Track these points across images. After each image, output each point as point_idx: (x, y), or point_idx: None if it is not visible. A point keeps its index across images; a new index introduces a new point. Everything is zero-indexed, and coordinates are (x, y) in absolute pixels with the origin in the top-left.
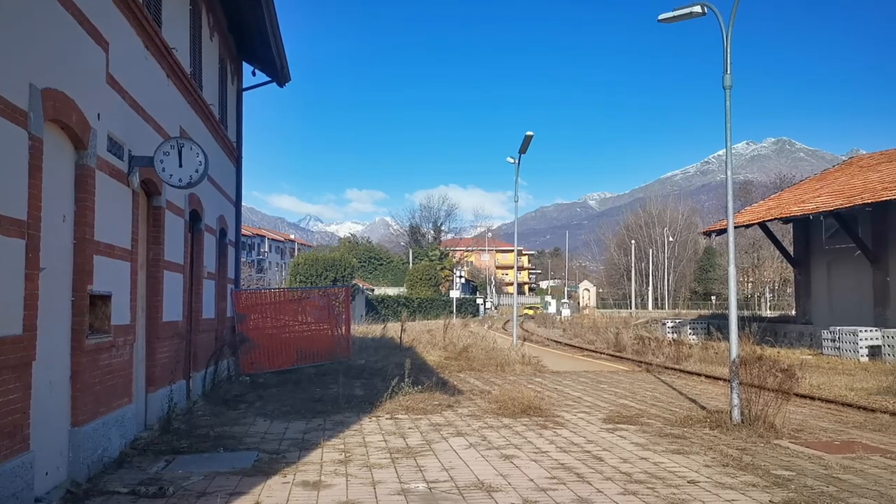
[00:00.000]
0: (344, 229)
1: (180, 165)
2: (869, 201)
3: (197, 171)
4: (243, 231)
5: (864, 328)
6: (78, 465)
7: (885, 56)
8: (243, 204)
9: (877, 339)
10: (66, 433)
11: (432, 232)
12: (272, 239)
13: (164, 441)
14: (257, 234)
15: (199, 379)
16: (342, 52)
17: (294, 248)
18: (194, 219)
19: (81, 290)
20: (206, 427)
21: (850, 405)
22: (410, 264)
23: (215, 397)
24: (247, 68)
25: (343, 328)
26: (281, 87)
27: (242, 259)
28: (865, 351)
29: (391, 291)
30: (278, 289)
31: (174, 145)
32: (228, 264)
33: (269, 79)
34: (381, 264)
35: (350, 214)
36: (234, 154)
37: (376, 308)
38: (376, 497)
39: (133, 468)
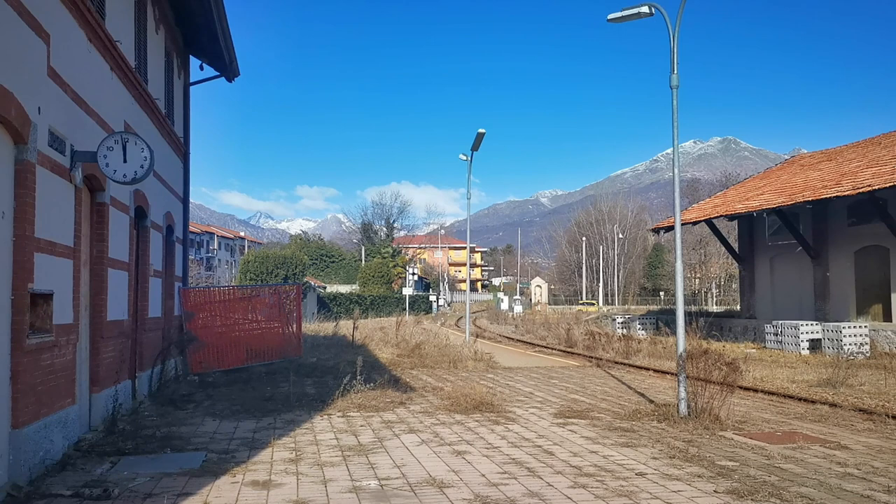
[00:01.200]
0: (295, 226)
1: (125, 161)
2: (810, 199)
3: (142, 166)
4: (191, 228)
5: (804, 322)
6: (19, 467)
7: (826, 59)
8: (191, 201)
9: (817, 332)
10: (6, 435)
11: (385, 229)
12: (221, 236)
13: (109, 442)
14: (206, 231)
15: (146, 379)
16: (295, 48)
17: (244, 246)
18: (140, 215)
19: (21, 288)
20: (152, 428)
21: (791, 397)
22: (363, 261)
23: (162, 397)
24: (194, 63)
25: (294, 326)
26: (230, 81)
27: (191, 257)
28: (806, 344)
29: (343, 289)
30: (228, 287)
31: (118, 140)
32: (176, 262)
33: (217, 73)
34: (334, 262)
35: (301, 211)
36: (182, 149)
37: (328, 306)
38: (328, 495)
39: (77, 470)
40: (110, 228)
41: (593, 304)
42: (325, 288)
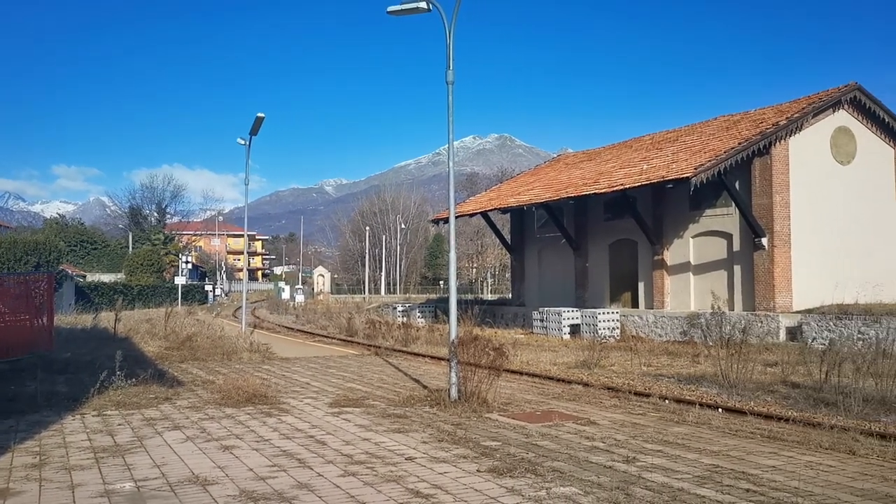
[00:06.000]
0: (51, 209)
1: None
2: (572, 195)
3: None
4: None
5: (566, 309)
6: None
7: (593, 66)
8: None
9: (577, 318)
10: None
11: (156, 214)
12: None
13: None
14: None
15: None
16: (48, 8)
17: None
18: None
19: None
20: None
21: (551, 378)
22: (130, 249)
23: None
24: None
25: (45, 318)
26: None
27: None
28: (568, 329)
29: (106, 278)
30: None
31: None
32: None
33: None
34: (96, 248)
35: (59, 193)
36: None
37: (89, 296)
38: (75, 501)
39: None
40: None
41: None
42: (84, 277)
